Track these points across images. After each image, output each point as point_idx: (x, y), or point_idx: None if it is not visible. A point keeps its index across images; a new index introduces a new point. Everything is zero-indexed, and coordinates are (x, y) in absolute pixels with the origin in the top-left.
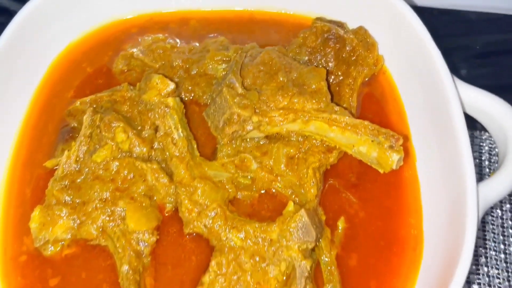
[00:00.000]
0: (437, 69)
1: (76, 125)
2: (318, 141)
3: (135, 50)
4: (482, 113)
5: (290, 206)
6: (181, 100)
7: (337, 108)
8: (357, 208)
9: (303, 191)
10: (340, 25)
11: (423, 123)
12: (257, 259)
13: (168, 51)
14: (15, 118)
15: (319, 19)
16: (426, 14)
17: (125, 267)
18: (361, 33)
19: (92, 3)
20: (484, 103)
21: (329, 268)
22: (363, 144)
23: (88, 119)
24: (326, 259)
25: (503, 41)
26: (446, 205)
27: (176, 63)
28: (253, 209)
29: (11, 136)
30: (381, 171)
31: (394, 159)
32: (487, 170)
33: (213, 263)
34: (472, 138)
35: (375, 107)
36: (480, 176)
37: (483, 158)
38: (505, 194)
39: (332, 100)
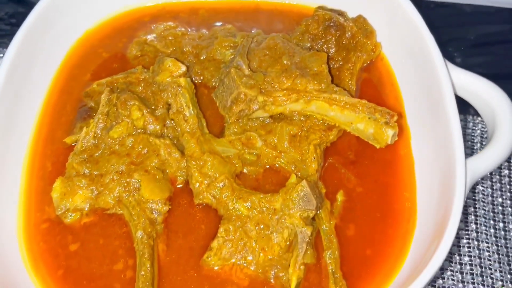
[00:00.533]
0: (430, 53)
1: (93, 105)
2: (319, 120)
3: (148, 36)
4: (471, 94)
5: (293, 179)
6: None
7: (336, 88)
8: (355, 183)
9: (304, 166)
10: (341, 13)
11: (418, 105)
12: (262, 227)
13: (179, 38)
14: (36, 99)
15: (321, 7)
16: (423, 7)
17: (140, 233)
18: (360, 21)
19: None
20: (473, 84)
21: (328, 236)
22: (360, 121)
23: (105, 98)
24: (326, 228)
25: (496, 33)
26: (438, 179)
27: (187, 49)
28: (258, 183)
29: (33, 115)
30: (377, 146)
31: (389, 134)
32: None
33: (221, 229)
34: (465, 122)
35: (373, 91)
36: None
37: (475, 141)
38: (492, 168)
39: (332, 82)
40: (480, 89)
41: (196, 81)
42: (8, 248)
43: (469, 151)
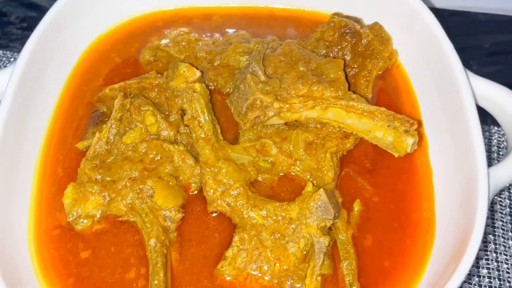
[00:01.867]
0: (450, 62)
1: (105, 110)
2: (335, 128)
3: (161, 42)
4: (492, 103)
5: (309, 187)
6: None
7: (354, 95)
8: (372, 192)
9: (320, 174)
10: (357, 20)
11: (436, 113)
12: (278, 236)
13: (192, 44)
14: (48, 104)
15: (336, 14)
16: (437, 15)
17: (153, 241)
18: (376, 28)
19: None
20: (495, 94)
21: (345, 246)
22: (379, 129)
23: (118, 103)
24: (343, 238)
25: (511, 41)
26: (458, 189)
27: (200, 55)
28: (273, 191)
29: (45, 120)
30: (396, 155)
31: (409, 142)
32: (496, 162)
33: (236, 238)
34: (481, 131)
35: (389, 99)
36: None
37: (492, 150)
38: None
39: (349, 89)
40: (501, 99)
41: (210, 87)
42: (18, 254)
43: (487, 162)
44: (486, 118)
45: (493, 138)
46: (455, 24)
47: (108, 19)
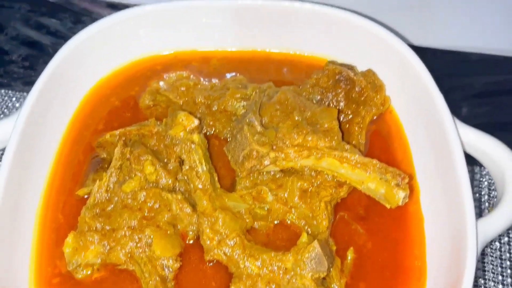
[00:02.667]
0: (439, 111)
1: (105, 156)
2: (329, 176)
3: (161, 85)
4: (481, 153)
5: (304, 237)
6: (203, 134)
7: (347, 146)
8: (365, 239)
9: (315, 222)
10: (351, 67)
11: (427, 160)
12: (273, 286)
13: (191, 88)
14: (50, 149)
15: (331, 62)
16: (429, 54)
17: None
18: (369, 76)
19: (119, 44)
20: (483, 144)
21: None
22: (371, 181)
23: (118, 152)
24: (336, 287)
25: (502, 82)
26: (448, 239)
27: (199, 100)
28: (269, 239)
29: (47, 165)
30: (388, 206)
31: (400, 196)
32: (487, 204)
33: None
34: (472, 173)
35: (382, 144)
36: (480, 210)
37: (482, 193)
38: (502, 230)
39: (342, 137)
40: (488, 148)
41: (207, 132)
42: None
43: (477, 203)
44: (476, 160)
45: (483, 180)
46: (446, 63)
47: (108, 64)
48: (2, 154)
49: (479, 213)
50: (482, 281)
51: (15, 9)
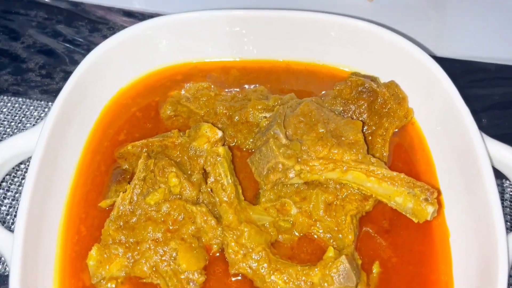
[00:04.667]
0: (465, 125)
1: (127, 167)
2: (355, 189)
3: (181, 96)
4: (509, 168)
5: (331, 252)
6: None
7: (374, 160)
8: (390, 253)
9: (341, 236)
10: (373, 79)
11: (451, 173)
12: None
13: (212, 99)
14: (72, 160)
15: (354, 74)
16: (448, 65)
17: None
18: (392, 87)
19: (139, 54)
20: (510, 158)
21: None
22: (399, 195)
23: (142, 164)
24: None
25: None
26: (476, 253)
27: (220, 110)
28: (293, 252)
29: (69, 176)
30: (416, 221)
31: (429, 211)
32: None
33: None
34: (501, 187)
35: (404, 156)
36: (511, 224)
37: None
38: None
39: (367, 151)
40: None
41: (230, 144)
42: None
43: (508, 218)
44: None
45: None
46: (465, 73)
47: (128, 74)
48: (21, 164)
49: (509, 228)
50: None
51: (31, 16)
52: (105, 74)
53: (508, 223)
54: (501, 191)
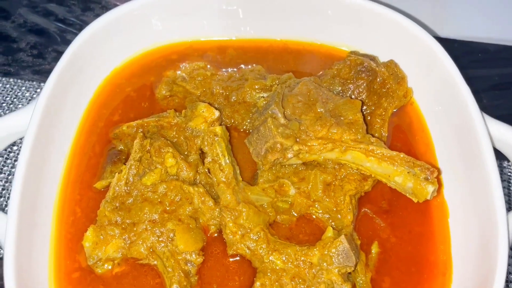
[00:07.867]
0: (467, 105)
1: (122, 147)
2: (354, 169)
3: (177, 76)
4: (510, 147)
5: (330, 232)
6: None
7: (373, 139)
8: (389, 233)
9: (339, 216)
10: (372, 58)
11: (451, 153)
12: (298, 281)
13: (208, 79)
14: (66, 140)
15: (353, 52)
16: (447, 45)
17: (175, 286)
18: (391, 67)
19: (133, 32)
20: (510, 138)
21: None
22: (399, 175)
23: (138, 144)
24: (361, 282)
25: None
26: (475, 233)
27: (216, 90)
28: (291, 233)
29: (63, 157)
30: (415, 200)
31: (429, 190)
32: None
33: (257, 283)
34: (500, 168)
35: (403, 136)
36: (509, 205)
37: (511, 189)
38: None
39: (367, 131)
40: None
41: (227, 124)
42: None
43: (506, 198)
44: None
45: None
46: (464, 54)
47: (122, 53)
48: (14, 145)
49: (509, 209)
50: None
51: None
52: (99, 53)
53: (506, 204)
54: (500, 172)
